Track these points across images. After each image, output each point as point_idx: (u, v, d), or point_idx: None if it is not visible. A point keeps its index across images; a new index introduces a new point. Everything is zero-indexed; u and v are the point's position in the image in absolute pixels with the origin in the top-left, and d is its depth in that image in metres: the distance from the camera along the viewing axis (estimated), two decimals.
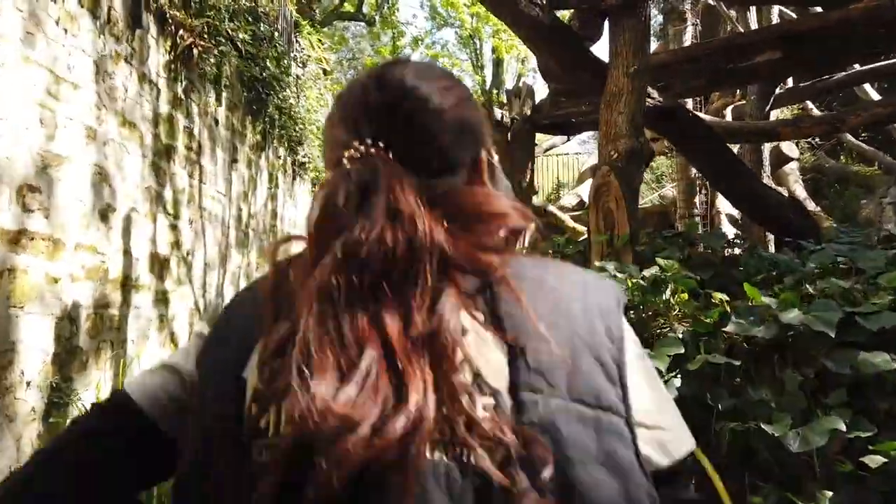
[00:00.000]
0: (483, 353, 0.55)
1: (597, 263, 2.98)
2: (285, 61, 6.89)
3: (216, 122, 5.21)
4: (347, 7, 16.81)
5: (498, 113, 5.18)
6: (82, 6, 3.10)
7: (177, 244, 4.40)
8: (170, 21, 4.14)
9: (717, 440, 1.94)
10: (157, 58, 4.04)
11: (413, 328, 0.54)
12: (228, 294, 5.56)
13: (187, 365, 0.72)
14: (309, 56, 8.26)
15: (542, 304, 0.59)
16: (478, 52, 24.52)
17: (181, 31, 4.23)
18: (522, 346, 0.55)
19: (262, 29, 6.17)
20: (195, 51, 4.41)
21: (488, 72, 23.98)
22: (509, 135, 5.17)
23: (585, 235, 4.44)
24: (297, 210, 8.28)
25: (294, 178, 8.10)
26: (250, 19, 5.78)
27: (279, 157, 7.29)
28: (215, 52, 4.76)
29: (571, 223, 8.47)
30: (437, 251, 0.57)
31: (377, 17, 17.99)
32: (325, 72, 9.94)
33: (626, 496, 0.53)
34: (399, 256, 0.55)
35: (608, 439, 0.54)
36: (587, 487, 0.52)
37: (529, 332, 0.56)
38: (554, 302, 0.60)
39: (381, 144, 0.63)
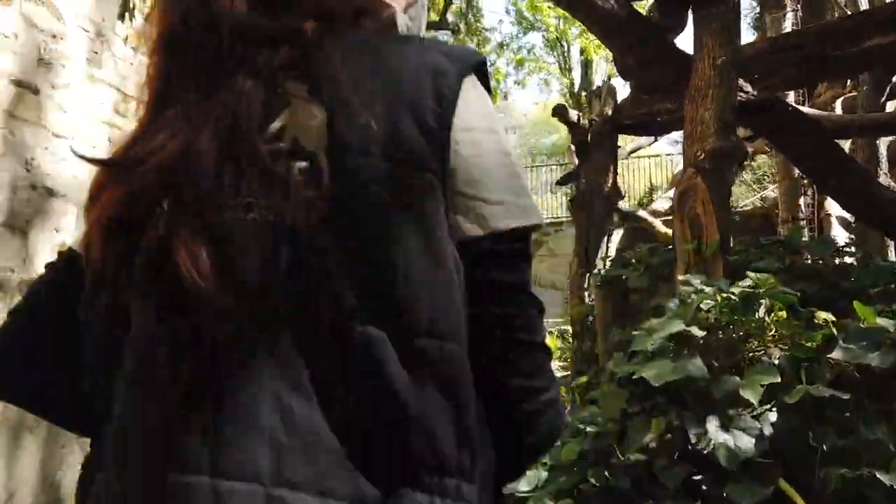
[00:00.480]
0: (303, 120, 0.56)
1: (680, 277, 2.70)
2: None
3: None
4: (432, 16, 16.91)
5: (574, 114, 4.92)
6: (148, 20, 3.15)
7: None
8: None
9: (821, 487, 1.65)
10: None
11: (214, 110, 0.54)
12: None
13: None
14: None
15: (370, 66, 0.58)
16: (565, 54, 24.09)
17: None
18: (341, 109, 0.55)
19: None
20: None
21: (577, 74, 23.51)
22: (589, 137, 4.90)
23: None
24: None
25: None
26: None
27: None
28: None
29: (663, 229, 8.00)
30: (234, 24, 0.56)
31: (462, 25, 18.00)
32: None
33: (426, 248, 0.54)
34: (202, 35, 0.56)
35: (415, 194, 0.56)
36: (388, 237, 0.54)
37: (349, 97, 0.55)
38: (384, 64, 0.59)
39: None
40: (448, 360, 0.55)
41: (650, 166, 14.47)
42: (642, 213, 8.44)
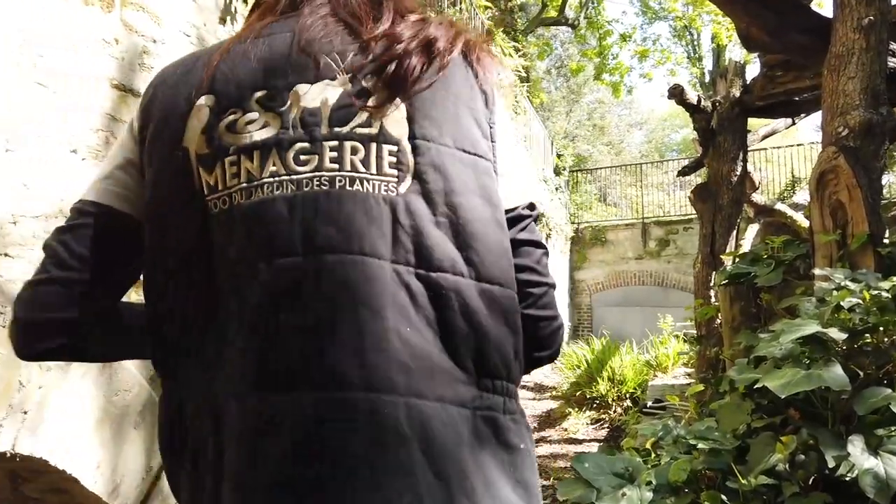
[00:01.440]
0: (389, 113, 0.73)
1: (818, 271, 2.32)
2: None
3: None
4: (550, 12, 16.56)
5: (694, 96, 4.49)
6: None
7: None
8: None
9: None
10: None
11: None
12: None
13: (130, 154, 0.83)
14: (501, 64, 8.12)
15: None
16: (694, 42, 22.77)
17: None
18: (419, 106, 0.74)
19: None
20: None
21: (708, 63, 22.14)
22: (713, 122, 4.46)
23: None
24: None
25: None
26: None
27: None
28: None
29: (806, 223, 7.23)
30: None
31: (582, 20, 17.49)
32: (522, 79, 9.75)
33: (495, 219, 0.75)
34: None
35: (482, 177, 0.75)
36: (468, 209, 0.73)
37: (425, 96, 0.74)
38: (448, 74, 0.77)
39: None
40: (509, 301, 0.75)
41: (791, 157, 13.22)
42: (780, 206, 7.67)
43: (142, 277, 0.80)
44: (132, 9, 2.46)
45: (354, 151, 0.72)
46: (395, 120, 0.73)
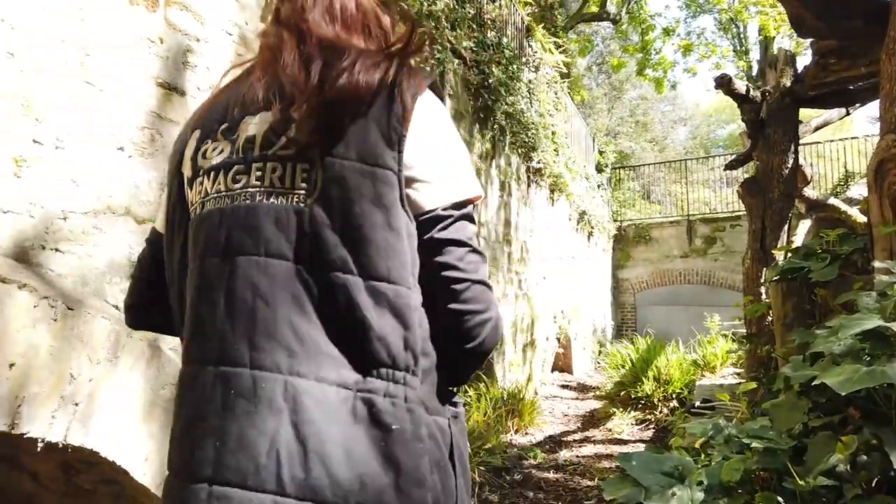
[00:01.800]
0: (306, 137, 0.86)
1: (878, 264, 2.21)
2: (514, 67, 6.74)
3: None
4: (591, 7, 16.34)
5: (742, 85, 4.34)
6: None
7: None
8: None
9: None
10: None
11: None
12: None
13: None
14: (542, 60, 8.04)
15: (352, 80, 0.86)
16: (741, 35, 22.17)
17: None
18: (334, 129, 0.85)
19: (488, 36, 6.10)
20: (412, 62, 4.43)
21: (755, 56, 21.52)
22: (762, 113, 4.31)
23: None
24: (533, 219, 8.08)
25: (529, 186, 7.92)
26: (474, 27, 5.73)
27: (510, 165, 7.16)
28: (433, 60, 4.75)
29: (861, 218, 6.95)
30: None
31: (624, 15, 17.21)
32: (562, 75, 9.64)
33: (386, 223, 0.83)
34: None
35: (379, 185, 0.83)
36: (359, 215, 0.83)
37: (342, 121, 0.85)
38: (365, 100, 0.86)
39: None
40: (395, 296, 0.83)
41: (844, 151, 12.74)
42: (834, 200, 7.39)
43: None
44: (176, 8, 2.50)
45: (274, 170, 0.87)
46: (310, 142, 0.85)
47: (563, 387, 8.81)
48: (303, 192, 0.85)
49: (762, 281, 4.32)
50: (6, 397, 1.74)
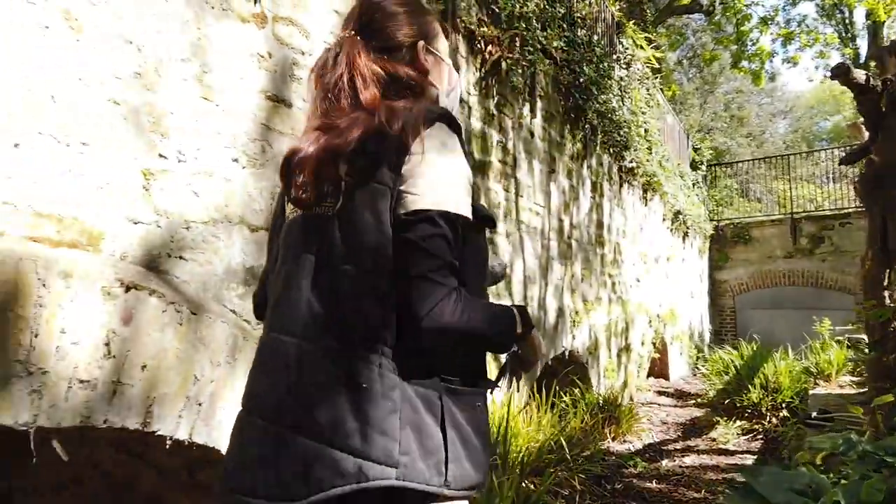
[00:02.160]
0: (341, 168, 1.14)
1: None
2: (605, 64, 6.58)
3: (531, 134, 5.17)
4: (682, 0, 15.76)
5: (861, 74, 4.03)
6: None
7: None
8: (479, 38, 4.20)
9: None
10: (468, 76, 4.13)
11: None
12: (551, 307, 5.45)
13: None
14: (633, 56, 7.82)
15: (376, 124, 1.11)
16: (846, 21, 20.76)
17: (489, 47, 4.26)
18: (356, 162, 1.11)
19: (578, 34, 5.99)
20: (504, 63, 4.41)
21: (862, 43, 20.09)
22: (883, 102, 3.98)
23: None
24: (626, 218, 7.87)
25: (621, 185, 7.71)
26: (564, 26, 5.65)
27: (602, 165, 7.00)
28: (524, 62, 4.70)
29: None
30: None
31: (717, 6, 16.48)
32: (654, 70, 9.34)
33: (377, 227, 1.06)
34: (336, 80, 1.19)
35: (377, 198, 1.07)
36: (358, 221, 1.08)
37: (355, 146, 1.11)
38: (380, 124, 1.10)
39: (352, 31, 1.23)
40: (378, 282, 1.06)
41: None
42: None
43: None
44: (283, 24, 2.59)
45: (318, 188, 1.14)
46: (341, 171, 1.11)
47: (660, 393, 8.51)
48: (332, 205, 1.12)
49: (885, 284, 4.00)
50: (139, 397, 1.85)
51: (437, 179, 1.06)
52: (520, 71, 4.69)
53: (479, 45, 4.22)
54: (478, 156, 4.24)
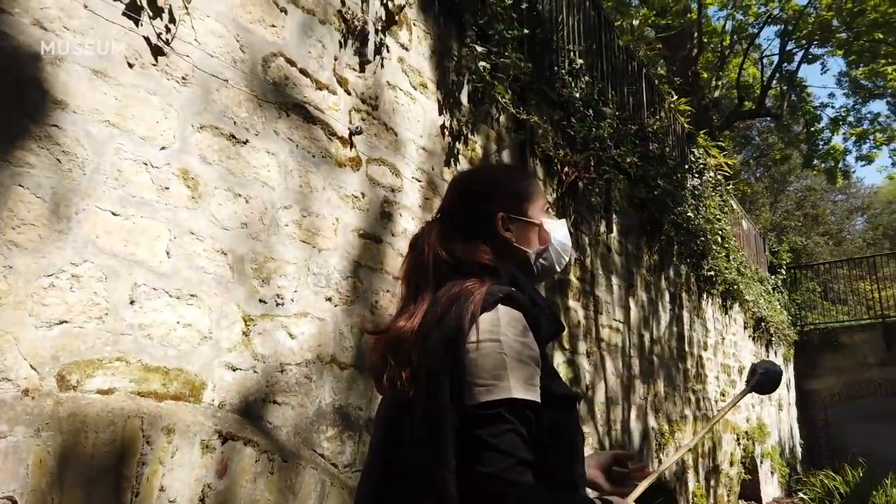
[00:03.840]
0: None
1: None
2: (678, 175, 6.56)
3: (608, 248, 5.11)
4: (747, 104, 15.83)
5: None
6: (471, 164, 3.36)
7: (575, 379, 4.27)
8: (556, 162, 4.27)
9: None
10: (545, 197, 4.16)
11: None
12: (635, 429, 5.17)
13: None
14: (705, 164, 7.78)
15: (439, 309, 1.10)
16: None
17: (566, 168, 4.31)
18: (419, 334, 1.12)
19: (650, 148, 6.03)
20: (580, 183, 4.45)
21: None
22: None
23: None
24: (706, 329, 7.55)
25: (700, 296, 7.46)
26: (637, 142, 5.70)
27: (680, 276, 6.82)
28: (600, 181, 4.73)
29: None
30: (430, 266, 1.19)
31: (784, 108, 16.45)
32: (726, 178, 9.24)
33: (434, 419, 1.01)
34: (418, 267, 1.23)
35: (435, 391, 1.02)
36: (418, 410, 1.04)
37: (417, 333, 1.11)
38: (442, 309, 1.09)
39: (438, 214, 1.30)
40: (428, 479, 1.00)
41: None
42: None
43: None
44: (375, 165, 2.69)
45: (390, 375, 1.14)
46: (413, 358, 1.10)
47: None
48: (405, 392, 1.09)
49: None
50: None
51: (502, 366, 1.00)
52: (596, 189, 4.71)
53: (556, 168, 4.28)
54: (557, 275, 4.20)
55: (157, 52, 1.87)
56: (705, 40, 14.54)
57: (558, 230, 1.28)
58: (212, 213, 1.98)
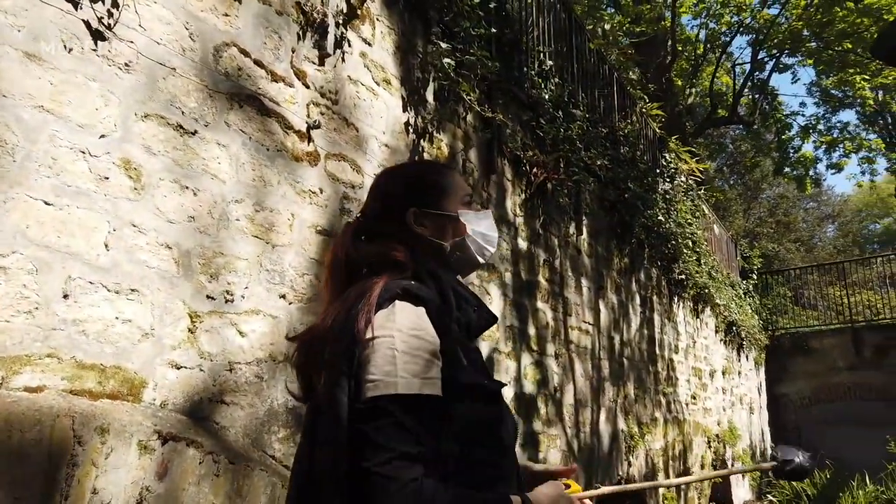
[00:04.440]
0: None
1: None
2: (649, 179, 6.58)
3: (578, 251, 5.10)
4: (720, 112, 16.02)
5: None
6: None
7: (543, 381, 4.24)
8: (525, 162, 4.24)
9: None
10: (514, 198, 4.14)
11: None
12: (605, 431, 5.15)
13: None
14: (677, 169, 7.83)
15: (343, 309, 1.09)
16: (889, 126, 20.70)
17: (535, 169, 4.29)
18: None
19: (621, 152, 6.04)
20: (549, 185, 4.42)
21: None
22: None
23: None
24: (678, 333, 7.58)
25: (671, 299, 7.50)
26: (608, 145, 5.70)
27: (651, 279, 6.84)
28: (569, 182, 4.71)
29: None
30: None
31: (756, 116, 16.69)
32: (698, 182, 9.32)
33: (332, 419, 0.99)
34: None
35: (334, 389, 1.00)
36: (321, 411, 1.03)
37: (327, 334, 1.08)
38: (345, 310, 1.07)
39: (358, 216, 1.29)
40: (332, 484, 0.99)
41: None
42: None
43: None
44: (335, 160, 2.63)
45: (304, 377, 1.19)
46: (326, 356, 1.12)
47: None
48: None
49: None
50: None
51: (391, 362, 0.99)
52: (565, 191, 4.69)
53: (524, 168, 4.25)
54: (525, 276, 4.16)
55: (97, 36, 1.80)
56: (679, 48, 14.70)
57: (478, 221, 1.26)
58: (156, 205, 1.90)
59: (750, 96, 17.17)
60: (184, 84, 2.03)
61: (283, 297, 2.30)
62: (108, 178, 1.78)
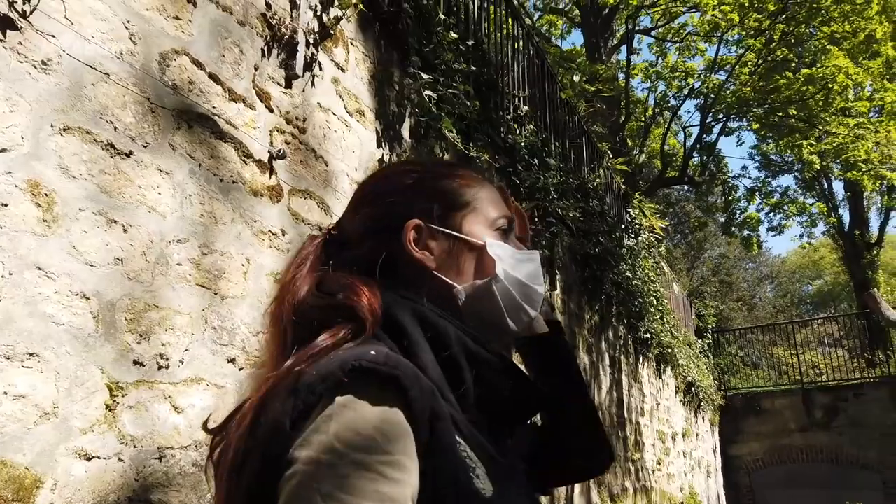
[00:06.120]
0: None
1: None
2: (617, 234, 6.39)
3: (552, 308, 4.77)
4: (670, 172, 16.34)
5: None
6: None
7: None
8: None
9: None
10: None
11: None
12: (577, 500, 4.73)
13: None
14: (640, 225, 7.70)
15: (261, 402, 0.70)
16: (826, 192, 21.59)
17: None
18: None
19: (591, 204, 5.84)
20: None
21: (844, 212, 20.79)
22: None
23: None
24: (643, 395, 7.29)
25: (637, 359, 7.23)
26: (579, 196, 5.48)
27: (619, 337, 6.56)
28: (546, 233, 4.42)
29: None
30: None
31: (704, 177, 17.11)
32: (657, 239, 9.25)
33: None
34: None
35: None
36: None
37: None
38: (262, 404, 0.67)
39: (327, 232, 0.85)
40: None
41: None
42: None
43: None
44: (300, 197, 2.24)
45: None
46: None
47: None
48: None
49: None
50: None
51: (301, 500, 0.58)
52: (543, 242, 4.39)
53: None
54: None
55: (6, 23, 1.39)
56: (631, 109, 15.00)
57: (516, 263, 0.79)
58: (72, 242, 1.46)
59: (698, 158, 17.64)
60: (118, 94, 1.62)
61: (233, 361, 1.86)
62: (5, 206, 1.34)
